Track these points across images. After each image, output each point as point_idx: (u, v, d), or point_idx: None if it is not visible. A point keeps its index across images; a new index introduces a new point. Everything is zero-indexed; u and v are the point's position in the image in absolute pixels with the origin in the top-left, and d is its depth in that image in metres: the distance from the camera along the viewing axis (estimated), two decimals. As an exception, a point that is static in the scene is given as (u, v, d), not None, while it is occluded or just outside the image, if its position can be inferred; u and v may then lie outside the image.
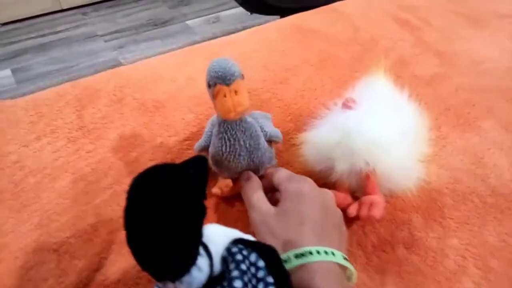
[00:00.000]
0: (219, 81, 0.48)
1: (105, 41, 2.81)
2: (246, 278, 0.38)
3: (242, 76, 0.50)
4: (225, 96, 0.48)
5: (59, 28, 3.01)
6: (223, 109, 0.49)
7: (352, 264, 0.43)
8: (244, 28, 1.03)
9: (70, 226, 0.56)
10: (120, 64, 2.60)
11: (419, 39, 0.91)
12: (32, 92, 0.78)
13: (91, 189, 0.60)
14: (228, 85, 0.48)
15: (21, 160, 0.65)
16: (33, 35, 2.93)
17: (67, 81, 0.78)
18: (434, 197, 0.58)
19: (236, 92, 0.48)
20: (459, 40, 0.91)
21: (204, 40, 0.96)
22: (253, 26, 1.01)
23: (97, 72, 0.82)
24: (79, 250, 0.53)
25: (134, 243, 0.35)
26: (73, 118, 0.71)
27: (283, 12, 1.76)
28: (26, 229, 0.55)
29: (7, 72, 2.60)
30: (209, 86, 0.49)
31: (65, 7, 3.18)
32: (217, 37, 0.97)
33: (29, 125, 0.70)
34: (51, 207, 0.58)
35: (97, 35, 2.88)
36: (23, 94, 0.83)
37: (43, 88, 0.74)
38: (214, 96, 0.50)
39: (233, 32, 0.98)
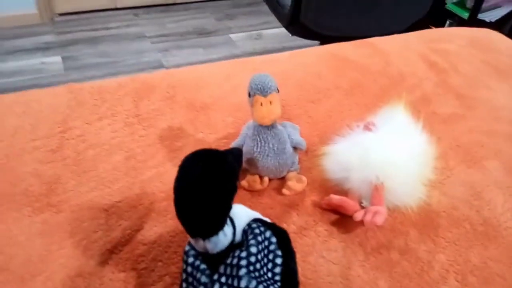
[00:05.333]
0: (258, 92, 0.60)
1: (152, 42, 2.97)
2: (260, 247, 0.48)
3: (278, 90, 0.62)
4: (261, 105, 0.60)
5: (111, 25, 3.20)
6: (258, 115, 0.61)
7: (351, 259, 0.51)
8: (284, 48, 1.13)
9: (120, 193, 0.66)
10: (162, 66, 2.75)
11: (444, 81, 1.00)
12: (78, 80, 0.89)
13: (139, 167, 0.71)
14: (265, 96, 0.60)
15: (84, 135, 0.76)
16: (86, 28, 3.12)
17: (112, 74, 0.90)
18: (432, 217, 0.67)
19: (271, 102, 0.60)
20: (482, 87, 0.99)
21: (245, 54, 1.07)
22: (292, 47, 1.12)
23: (140, 70, 0.94)
24: (125, 213, 0.64)
25: (180, 205, 0.46)
26: (131, 106, 0.83)
27: (323, 38, 1.87)
28: (84, 190, 0.66)
29: (58, 58, 2.78)
30: (249, 95, 0.62)
31: (119, 6, 3.36)
32: (257, 52, 1.07)
33: (93, 107, 0.82)
34: (105, 175, 0.69)
35: (145, 36, 3.05)
36: (70, 81, 0.94)
37: (89, 78, 0.86)
38: (252, 105, 0.62)
39: (273, 51, 1.09)
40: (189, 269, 0.48)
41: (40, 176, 0.68)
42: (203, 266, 0.47)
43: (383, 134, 0.65)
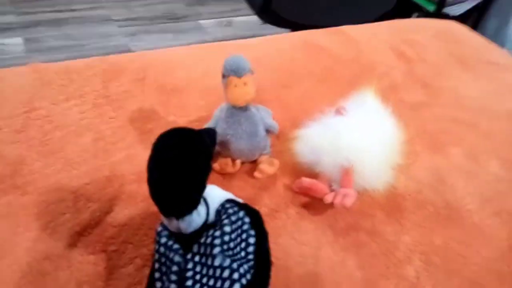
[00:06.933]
0: (232, 73, 0.60)
1: (119, 26, 2.89)
2: (234, 226, 0.48)
3: (252, 72, 0.62)
4: (235, 86, 0.60)
5: (75, 7, 3.08)
6: (232, 96, 0.61)
7: (321, 240, 0.52)
8: (254, 36, 1.13)
9: (88, 175, 0.65)
10: (130, 51, 2.68)
11: (411, 70, 1.03)
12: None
13: (109, 149, 0.70)
14: (239, 77, 0.60)
15: (50, 115, 0.74)
16: (49, 9, 2.99)
17: (76, 58, 0.87)
18: (398, 201, 0.69)
19: (245, 83, 0.60)
20: (447, 77, 1.03)
21: (215, 41, 1.05)
22: (263, 35, 1.11)
23: (107, 54, 0.91)
24: (93, 195, 0.62)
25: (154, 183, 0.45)
26: (100, 87, 0.81)
27: (294, 26, 1.88)
28: (51, 171, 0.65)
29: (19, 40, 2.66)
30: (223, 76, 0.61)
31: (84, -13, 3.24)
32: (227, 40, 1.06)
33: (60, 87, 0.80)
34: (73, 157, 0.67)
35: (111, 20, 2.96)
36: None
37: (52, 61, 0.83)
38: (226, 86, 0.61)
39: (243, 38, 1.08)
40: (162, 249, 0.47)
41: (4, 157, 0.66)
42: (176, 246, 0.47)
43: (353, 119, 0.66)
